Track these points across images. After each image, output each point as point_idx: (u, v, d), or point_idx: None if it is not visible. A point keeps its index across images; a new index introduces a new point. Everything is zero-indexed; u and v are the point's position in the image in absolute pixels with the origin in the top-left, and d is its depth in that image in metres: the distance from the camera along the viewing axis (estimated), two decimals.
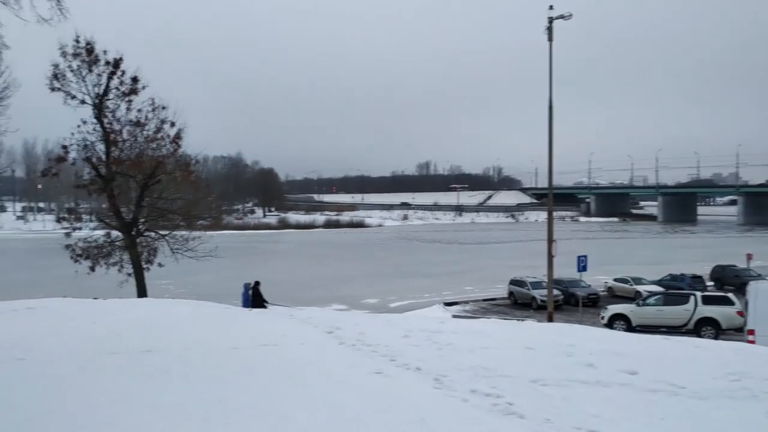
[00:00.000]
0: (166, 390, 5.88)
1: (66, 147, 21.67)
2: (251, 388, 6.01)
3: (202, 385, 6.08)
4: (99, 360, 7.16)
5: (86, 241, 22.27)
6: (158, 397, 5.61)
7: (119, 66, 21.17)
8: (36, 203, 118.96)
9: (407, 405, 5.55)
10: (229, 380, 6.27)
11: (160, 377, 6.37)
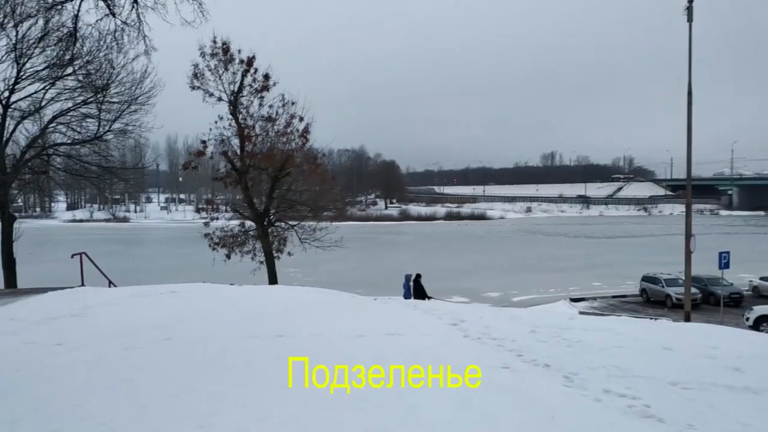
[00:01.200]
0: (296, 374, 6.12)
1: (205, 142, 23.20)
2: (377, 378, 6.11)
3: (331, 372, 6.26)
4: (240, 342, 7.59)
5: (223, 230, 23.75)
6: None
7: (252, 64, 22.32)
8: (177, 195, 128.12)
9: (536, 402, 5.41)
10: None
11: (282, 364, 6.63)
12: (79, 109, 21.78)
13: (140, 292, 11.98)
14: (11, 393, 5.53)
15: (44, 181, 24.67)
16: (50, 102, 21.50)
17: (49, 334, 8.19)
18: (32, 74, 21.10)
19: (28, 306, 10.60)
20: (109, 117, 21.76)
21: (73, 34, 10.88)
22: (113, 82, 21.06)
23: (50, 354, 7.13)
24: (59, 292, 12.69)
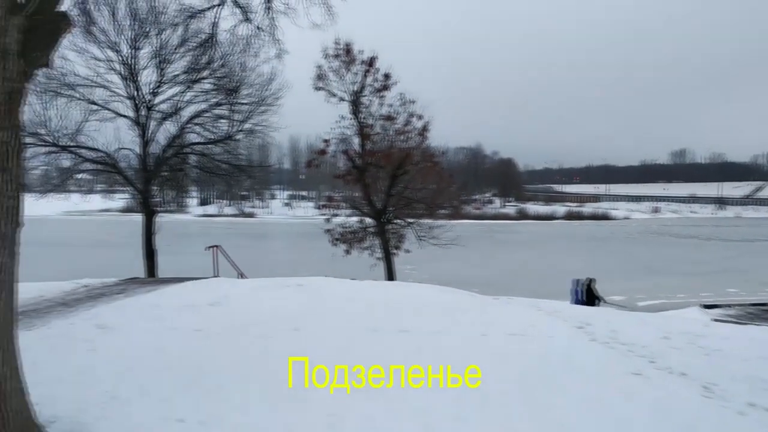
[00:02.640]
0: (414, 371, 6.17)
1: (327, 141, 23.93)
2: (504, 378, 6.04)
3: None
4: (363, 336, 7.78)
5: (343, 226, 24.40)
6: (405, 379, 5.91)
7: (373, 64, 22.72)
8: (299, 192, 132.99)
9: (674, 412, 5.12)
10: (480, 367, 6.37)
11: (413, 357, 6.70)
12: (213, 111, 23.20)
13: (269, 284, 12.56)
14: (165, 371, 6.00)
15: (181, 177, 26.50)
16: (187, 104, 23.06)
17: (189, 321, 8.79)
18: (172, 78, 22.73)
19: (170, 294, 11.44)
20: (239, 118, 23.00)
21: (211, 40, 11.55)
22: (243, 85, 22.24)
23: (191, 339, 7.66)
24: (196, 282, 13.59)
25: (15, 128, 4.05)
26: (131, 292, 12.05)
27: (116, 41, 21.30)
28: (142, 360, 6.52)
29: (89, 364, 6.34)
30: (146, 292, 11.85)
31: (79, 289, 12.43)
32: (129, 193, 33.27)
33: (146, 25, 21.84)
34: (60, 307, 10.02)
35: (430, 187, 25.14)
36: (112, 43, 21.19)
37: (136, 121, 22.59)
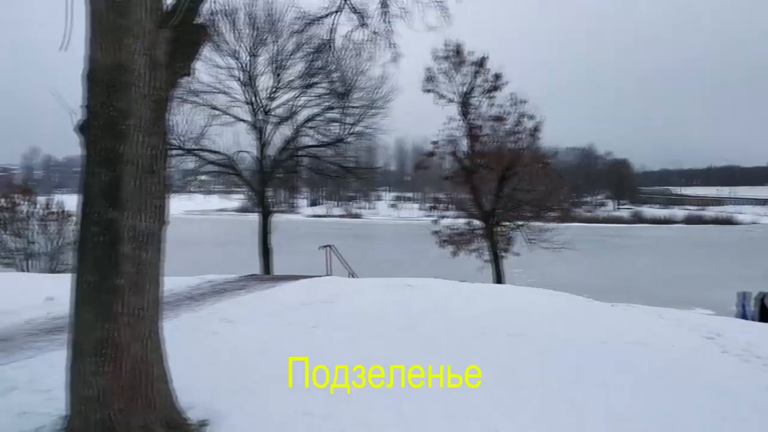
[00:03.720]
0: (529, 376, 6.05)
1: (435, 143, 24.01)
2: (625, 387, 5.81)
3: (568, 376, 6.10)
4: (475, 338, 7.75)
5: (450, 228, 24.36)
6: (522, 383, 5.81)
7: (484, 65, 22.57)
8: (404, 193, 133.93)
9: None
10: (598, 375, 6.17)
11: (524, 362, 6.58)
12: (325, 114, 23.92)
13: (380, 284, 12.77)
14: (286, 365, 6.25)
15: (294, 179, 27.51)
16: (301, 108, 23.91)
17: (306, 317, 9.11)
18: (287, 84, 23.66)
19: (287, 291, 11.92)
20: (350, 121, 23.56)
21: (327, 45, 11.90)
22: (355, 89, 22.76)
23: (308, 334, 7.94)
24: (310, 280, 14.05)
25: (162, 134, 4.38)
26: (251, 288, 12.64)
27: (236, 49, 22.46)
28: (265, 353, 6.83)
29: (218, 354, 6.73)
30: (265, 289, 12.39)
31: (204, 285, 13.20)
32: (245, 194, 35.00)
33: (264, 33, 22.87)
34: (188, 301, 10.69)
35: (540, 189, 24.59)
36: (232, 51, 22.36)
37: (253, 125, 23.71)
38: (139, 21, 4.18)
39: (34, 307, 9.90)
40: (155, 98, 4.29)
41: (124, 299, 4.12)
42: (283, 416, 4.76)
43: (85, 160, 4.25)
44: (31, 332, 8.30)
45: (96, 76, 4.20)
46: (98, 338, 4.06)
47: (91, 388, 4.03)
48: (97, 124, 4.18)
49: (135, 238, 4.17)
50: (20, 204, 26.01)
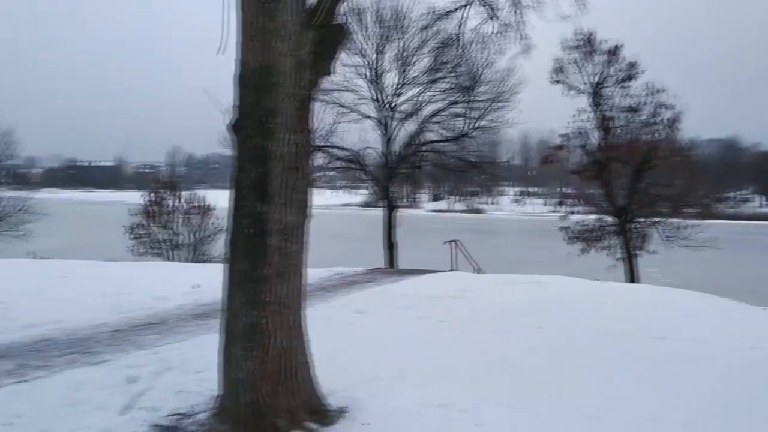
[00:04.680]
0: (674, 383, 5.70)
1: (564, 135, 23.23)
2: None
3: (712, 383, 5.69)
4: (612, 339, 7.43)
5: (580, 224, 23.49)
6: (668, 391, 5.48)
7: (617, 53, 21.53)
8: (529, 188, 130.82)
9: None
10: (744, 383, 5.71)
11: (665, 367, 6.21)
12: (450, 109, 23.86)
13: (508, 280, 12.60)
14: (418, 357, 6.33)
15: (418, 174, 27.70)
16: (426, 103, 24.00)
17: (435, 312, 9.16)
18: (412, 79, 23.85)
19: (415, 285, 12.06)
20: (475, 115, 23.33)
21: (455, 40, 11.86)
22: (480, 82, 22.52)
23: (438, 329, 7.98)
24: (437, 275, 14.12)
25: (306, 132, 4.57)
26: (379, 281, 12.91)
27: (363, 47, 22.93)
28: (397, 345, 6.96)
29: (351, 345, 6.94)
30: (392, 282, 12.61)
31: (334, 277, 13.65)
32: (369, 189, 35.75)
33: (390, 30, 23.19)
34: (320, 292, 11.10)
35: (678, 184, 23.10)
36: (359, 49, 22.83)
37: (379, 121, 24.13)
38: (285, 23, 4.38)
39: (182, 293, 10.70)
40: (300, 97, 4.48)
41: (271, 288, 4.35)
42: (418, 407, 4.82)
43: (236, 157, 4.52)
44: (181, 317, 8.98)
45: (246, 78, 4.46)
46: (247, 324, 4.32)
47: (241, 371, 4.29)
48: (247, 123, 4.43)
49: (281, 231, 4.38)
50: (166, 199, 28.21)
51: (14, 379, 5.68)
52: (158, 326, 8.27)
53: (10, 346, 7.03)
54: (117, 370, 5.77)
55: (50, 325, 8.01)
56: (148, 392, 5.11)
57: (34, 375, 5.81)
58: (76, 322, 8.25)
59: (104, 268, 15.16)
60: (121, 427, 4.33)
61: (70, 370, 5.90)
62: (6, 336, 7.42)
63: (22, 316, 8.44)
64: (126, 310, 9.21)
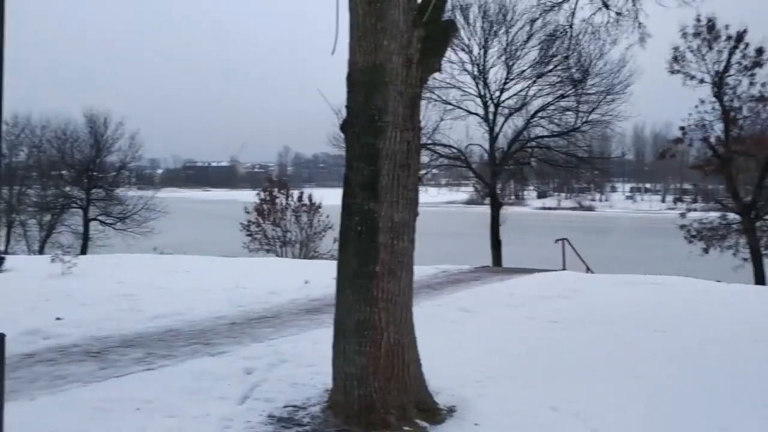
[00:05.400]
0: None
1: (683, 128, 21.88)
2: None
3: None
4: (746, 347, 6.93)
5: (701, 222, 22.06)
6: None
7: (742, 39, 20.01)
8: (642, 184, 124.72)
9: None
10: None
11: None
12: (558, 103, 23.18)
13: (622, 280, 12.08)
14: (528, 358, 6.20)
15: (525, 170, 27.14)
16: (533, 98, 23.45)
17: (544, 312, 8.92)
18: (519, 74, 23.37)
19: (523, 284, 11.82)
20: (585, 108, 22.54)
21: (565, 31, 11.49)
22: (591, 74, 21.70)
23: (549, 329, 7.76)
24: (545, 274, 13.76)
25: (416, 129, 4.58)
26: (485, 279, 12.76)
27: (468, 43, 22.73)
28: (506, 345, 6.83)
29: (459, 343, 6.88)
30: (499, 281, 12.42)
31: (440, 274, 13.64)
32: (474, 186, 35.44)
33: (495, 24, 22.84)
34: (426, 289, 11.11)
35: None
36: (464, 45, 22.65)
37: (484, 117, 23.85)
38: (395, 22, 4.40)
39: (294, 289, 11.06)
40: (409, 95, 4.50)
41: (381, 285, 4.40)
42: (529, 409, 4.71)
43: (347, 156, 4.61)
44: (293, 311, 9.29)
45: (356, 78, 4.53)
46: (358, 320, 4.39)
47: (353, 366, 4.37)
48: (358, 122, 4.50)
49: (391, 229, 4.42)
50: (277, 197, 29.30)
51: (143, 366, 6.10)
52: (272, 320, 8.60)
53: (139, 335, 7.55)
54: (235, 361, 6.05)
55: (174, 317, 8.53)
56: (264, 383, 5.31)
57: (161, 363, 6.20)
58: (198, 314, 8.74)
59: (222, 263, 15.98)
60: (240, 416, 4.53)
61: (193, 360, 6.25)
62: (135, 326, 7.98)
63: (149, 308, 9.04)
64: (243, 303, 9.65)
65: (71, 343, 7.03)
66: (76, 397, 4.94)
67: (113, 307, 9.12)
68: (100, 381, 5.51)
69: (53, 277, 12.51)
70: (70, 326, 7.70)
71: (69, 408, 4.64)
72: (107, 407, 4.64)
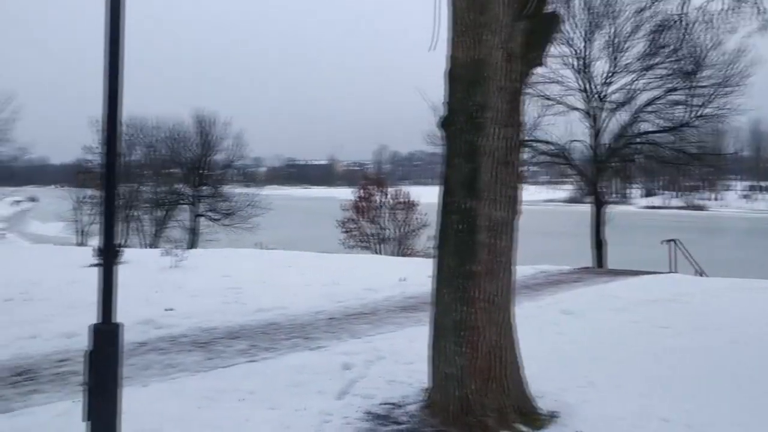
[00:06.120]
0: None
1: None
2: None
3: None
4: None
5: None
6: None
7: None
8: (760, 182, 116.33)
9: None
10: None
11: None
12: (668, 97, 21.95)
13: (738, 285, 11.31)
14: (635, 364, 5.90)
15: (630, 168, 25.92)
16: (640, 92, 22.33)
17: (652, 316, 8.47)
18: (624, 67, 22.33)
19: (628, 286, 11.29)
20: (697, 102, 21.22)
21: (676, 21, 10.86)
22: (704, 66, 20.39)
23: (657, 335, 7.35)
24: (653, 276, 13.09)
25: (517, 126, 4.45)
26: (587, 281, 12.29)
27: (570, 36, 21.97)
28: (610, 350, 6.52)
29: (559, 346, 6.66)
30: (602, 283, 11.93)
31: (538, 275, 13.28)
32: (575, 184, 34.26)
33: (600, 16, 21.95)
34: (525, 290, 10.84)
35: None
36: (566, 38, 21.90)
37: (587, 113, 22.97)
38: (496, 16, 4.30)
39: (390, 285, 11.13)
40: (511, 90, 4.38)
41: (480, 285, 4.31)
42: (637, 419, 4.47)
43: (446, 153, 4.55)
44: (389, 308, 9.34)
45: (456, 73, 4.46)
46: (457, 320, 4.32)
47: (452, 366, 4.31)
48: (457, 118, 4.43)
49: (491, 227, 4.32)
50: (374, 194, 29.67)
51: (247, 358, 6.32)
52: (369, 316, 8.68)
53: (243, 327, 7.85)
54: (333, 356, 6.14)
55: (276, 311, 8.80)
56: (361, 380, 5.35)
57: (263, 356, 6.40)
58: (298, 309, 8.97)
59: (320, 259, 16.34)
60: (338, 411, 4.58)
61: (293, 354, 6.41)
62: (240, 318, 8.30)
63: (252, 301, 9.38)
64: (341, 299, 9.82)
65: (180, 333, 7.41)
66: (185, 386, 5.18)
67: (219, 299, 9.54)
68: (207, 371, 5.76)
69: (164, 270, 13.28)
70: (179, 317, 8.12)
71: (178, 396, 4.87)
72: (213, 396, 4.83)
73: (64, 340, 6.82)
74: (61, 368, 5.89)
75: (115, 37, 3.34)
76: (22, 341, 6.79)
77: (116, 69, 3.34)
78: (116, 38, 3.34)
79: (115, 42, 3.34)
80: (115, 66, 3.34)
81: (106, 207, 3.39)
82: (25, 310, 8.54)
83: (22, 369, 5.88)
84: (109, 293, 3.31)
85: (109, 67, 3.34)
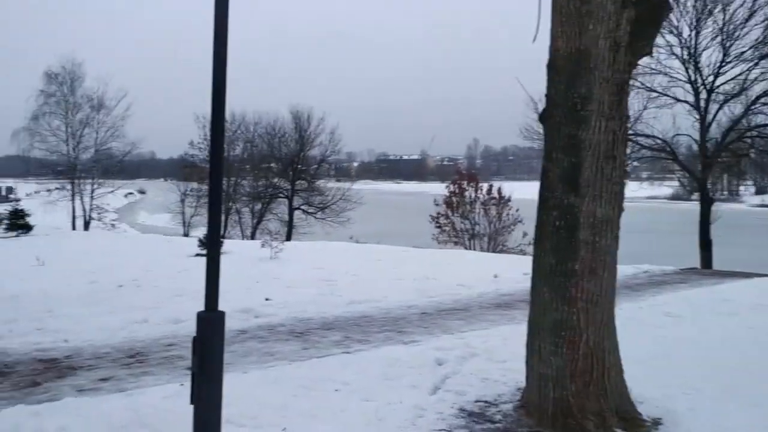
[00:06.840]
0: None
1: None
2: None
3: None
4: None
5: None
6: None
7: None
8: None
9: None
10: None
11: None
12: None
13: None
14: (749, 373, 5.53)
15: (743, 163, 24.34)
16: (754, 82, 20.88)
17: (766, 322, 7.90)
18: (737, 56, 20.94)
19: (739, 289, 10.58)
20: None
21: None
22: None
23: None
24: (765, 279, 12.22)
25: (623, 118, 4.25)
26: (693, 282, 11.66)
27: (677, 25, 20.83)
28: (719, 356, 6.14)
29: (662, 350, 6.33)
30: (710, 285, 11.26)
31: (640, 274, 12.73)
32: (680, 181, 32.49)
33: (710, 3, 20.69)
34: (626, 290, 10.41)
35: None
36: (673, 26, 20.80)
37: (694, 105, 21.74)
38: (601, 4, 4.12)
39: (483, 282, 11.01)
40: (616, 81, 4.19)
41: (580, 284, 4.16)
42: (748, 430, 4.18)
43: (546, 147, 4.42)
44: (482, 305, 9.23)
45: (558, 64, 4.31)
46: (555, 320, 4.20)
47: (549, 367, 4.19)
48: (559, 111, 4.28)
49: (592, 225, 4.16)
50: (466, 189, 29.38)
51: (341, 349, 6.43)
52: (462, 312, 8.62)
53: (337, 319, 8.00)
54: (426, 351, 6.12)
55: (369, 304, 8.91)
56: (454, 376, 5.31)
57: (357, 348, 6.50)
58: (390, 302, 9.04)
59: (412, 253, 16.39)
60: (432, 406, 4.56)
61: (386, 347, 6.45)
62: (334, 310, 8.47)
63: (346, 293, 9.54)
64: (433, 294, 9.81)
65: (278, 323, 7.65)
66: (282, 374, 5.33)
67: (314, 291, 9.77)
68: (303, 360, 5.91)
69: (263, 261, 13.75)
70: (277, 307, 8.39)
71: (276, 383, 5.01)
72: (309, 385, 4.94)
73: (171, 325, 7.21)
74: (169, 352, 6.23)
75: (221, 38, 3.44)
76: (134, 325, 7.23)
77: (222, 66, 3.43)
78: (223, 39, 3.44)
79: (221, 42, 3.44)
80: (222, 64, 3.43)
81: (212, 200, 3.50)
82: (136, 297, 9.09)
83: (134, 351, 6.26)
84: (214, 282, 3.43)
85: (215, 65, 3.44)
